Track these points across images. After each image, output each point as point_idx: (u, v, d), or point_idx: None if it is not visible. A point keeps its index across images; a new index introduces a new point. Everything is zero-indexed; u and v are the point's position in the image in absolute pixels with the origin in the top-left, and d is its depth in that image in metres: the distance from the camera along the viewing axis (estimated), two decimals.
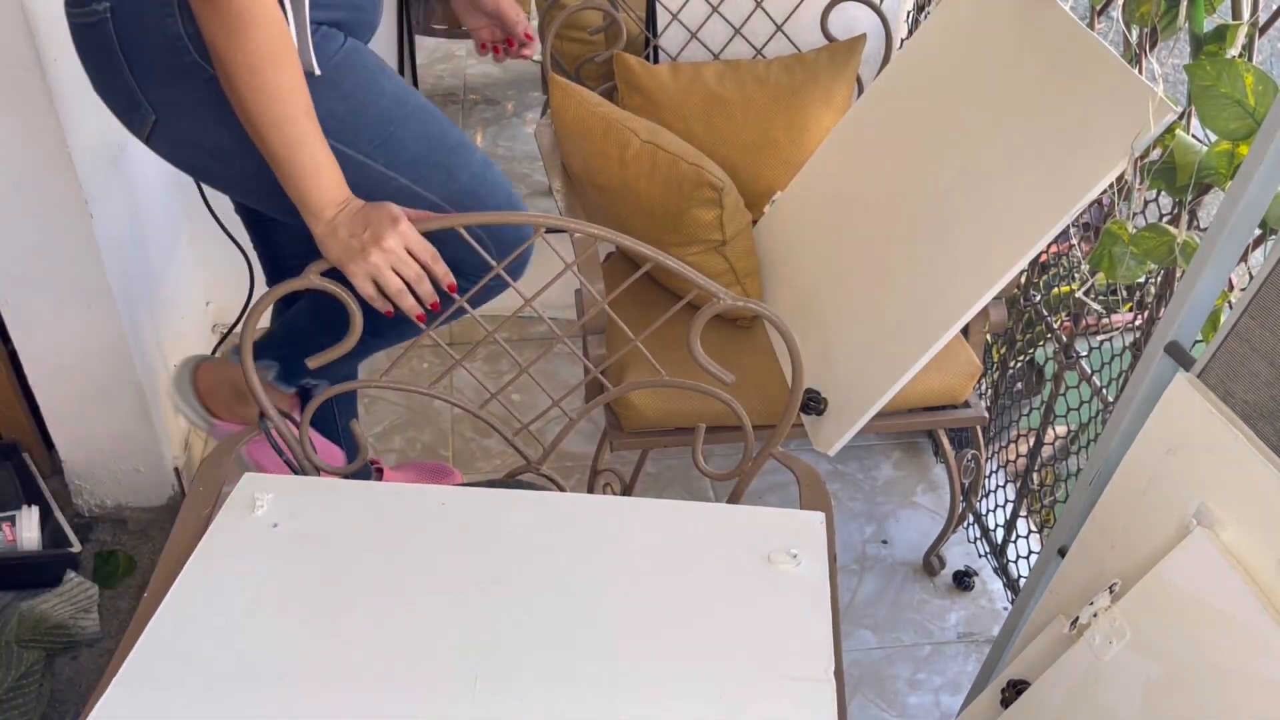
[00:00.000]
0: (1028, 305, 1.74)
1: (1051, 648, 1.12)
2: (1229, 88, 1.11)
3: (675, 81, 1.84)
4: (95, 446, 1.82)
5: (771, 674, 0.94)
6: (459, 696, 0.91)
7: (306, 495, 1.11)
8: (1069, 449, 1.67)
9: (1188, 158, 1.23)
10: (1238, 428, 0.92)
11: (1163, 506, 1.00)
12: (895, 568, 1.92)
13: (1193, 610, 0.93)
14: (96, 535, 1.89)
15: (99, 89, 1.28)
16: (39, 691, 1.58)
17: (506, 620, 0.98)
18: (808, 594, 1.02)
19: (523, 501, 1.14)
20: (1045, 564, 1.25)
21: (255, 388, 1.19)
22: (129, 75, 1.23)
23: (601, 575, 1.04)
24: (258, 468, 1.64)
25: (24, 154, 1.48)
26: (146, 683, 0.91)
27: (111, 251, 1.63)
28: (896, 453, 2.15)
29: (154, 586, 1.03)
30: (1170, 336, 1.04)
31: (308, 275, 1.14)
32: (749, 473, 1.25)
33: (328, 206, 1.18)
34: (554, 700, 0.91)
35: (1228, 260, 0.99)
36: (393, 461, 2.06)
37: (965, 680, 1.73)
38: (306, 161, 1.18)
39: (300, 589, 1.00)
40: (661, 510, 1.13)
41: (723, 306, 1.13)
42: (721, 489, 2.03)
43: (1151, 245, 1.26)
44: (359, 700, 0.90)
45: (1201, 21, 1.18)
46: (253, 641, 0.95)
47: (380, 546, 1.06)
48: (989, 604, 1.86)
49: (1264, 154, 0.91)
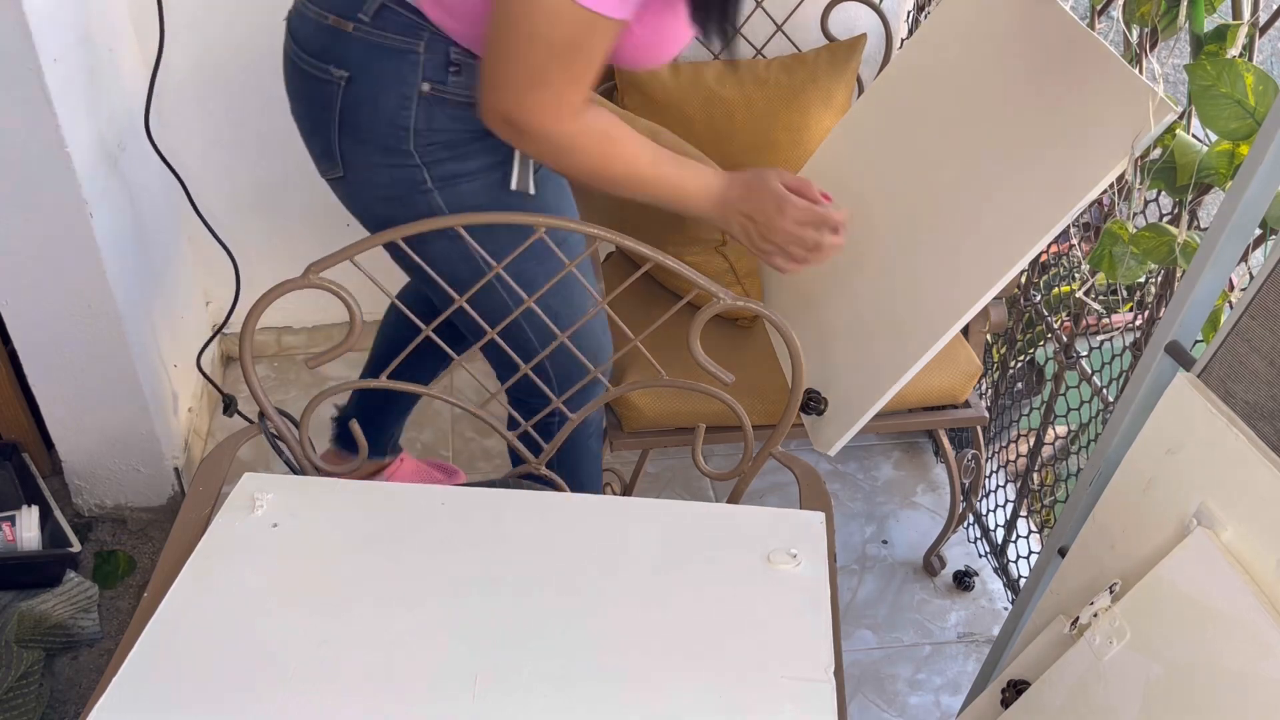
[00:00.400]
0: (1028, 305, 1.74)
1: (1051, 648, 1.12)
2: (1229, 88, 1.11)
3: (675, 81, 1.84)
4: (95, 446, 1.82)
5: (771, 674, 0.94)
6: (459, 696, 0.91)
7: (306, 495, 1.11)
8: (1069, 449, 1.67)
9: (1188, 158, 1.23)
10: (1238, 428, 0.92)
11: (1163, 506, 0.99)
12: (895, 568, 1.92)
13: (1193, 610, 0.93)
14: (96, 535, 1.89)
15: (299, 120, 1.32)
16: (39, 691, 1.58)
17: (506, 620, 0.98)
18: (808, 594, 1.02)
19: (523, 501, 1.14)
20: (1045, 564, 1.25)
21: (255, 388, 1.19)
22: (335, 134, 1.26)
23: (601, 575, 1.03)
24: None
25: (24, 154, 1.48)
26: (146, 683, 0.91)
27: (111, 251, 1.63)
28: (896, 453, 2.15)
29: (154, 586, 1.03)
30: (1170, 336, 1.04)
31: (307, 275, 1.13)
32: (749, 473, 1.25)
33: (710, 209, 1.28)
34: (554, 700, 0.91)
35: (1228, 260, 0.99)
36: None
37: (965, 680, 1.73)
38: (670, 193, 1.29)
39: (300, 589, 1.00)
40: (661, 510, 1.13)
41: (723, 306, 1.13)
42: (721, 489, 2.03)
43: (1152, 245, 1.26)
44: (359, 700, 0.90)
45: (1202, 21, 1.18)
46: (252, 642, 0.95)
47: (380, 546, 1.06)
48: (989, 604, 1.86)
49: (1264, 154, 0.91)
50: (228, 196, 2.00)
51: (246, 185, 2.03)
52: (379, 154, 1.26)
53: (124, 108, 1.74)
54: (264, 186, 2.04)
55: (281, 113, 1.38)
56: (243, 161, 2.00)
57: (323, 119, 1.27)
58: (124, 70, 1.76)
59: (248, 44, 1.87)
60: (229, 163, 1.99)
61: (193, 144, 1.92)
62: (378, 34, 1.21)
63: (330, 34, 1.22)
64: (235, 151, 1.99)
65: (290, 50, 1.28)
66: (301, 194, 2.06)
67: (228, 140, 1.97)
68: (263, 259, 1.94)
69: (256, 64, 1.89)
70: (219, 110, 1.93)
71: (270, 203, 2.06)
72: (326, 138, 1.28)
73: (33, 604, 1.65)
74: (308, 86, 1.27)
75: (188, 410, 2.01)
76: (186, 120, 1.90)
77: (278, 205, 2.07)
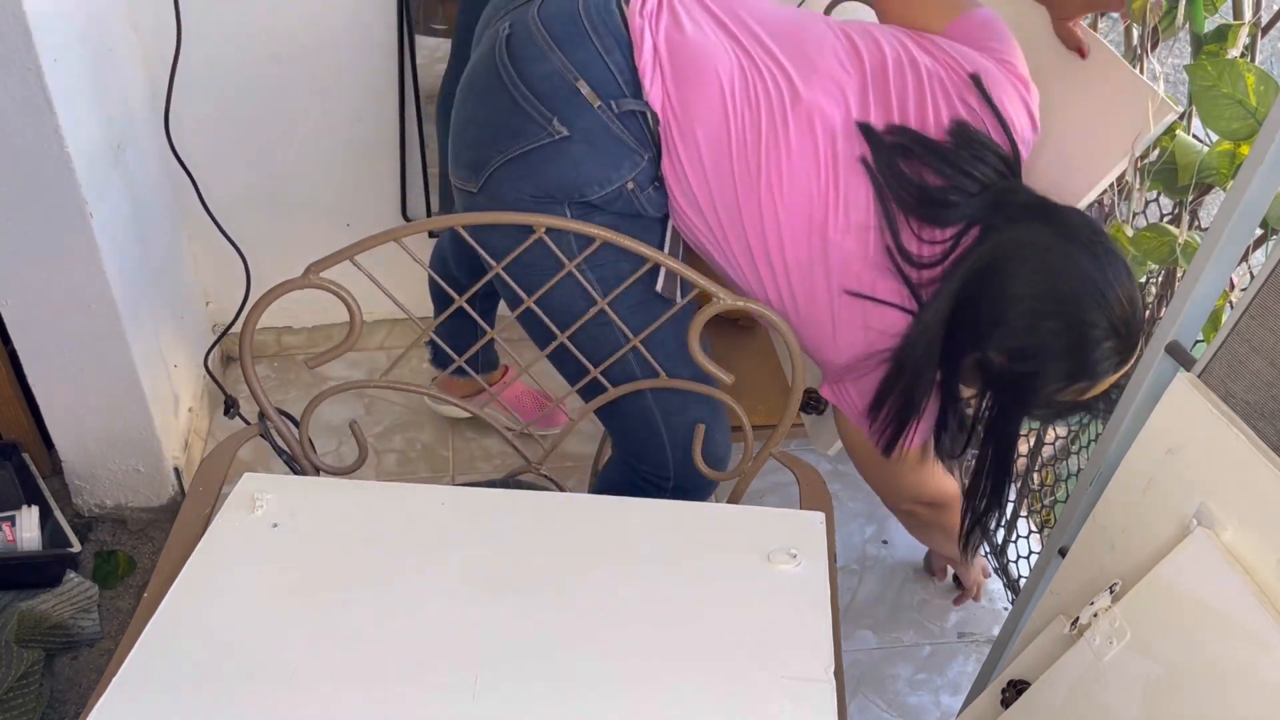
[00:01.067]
0: None
1: (1051, 648, 1.12)
2: (1231, 88, 1.11)
3: None
4: (95, 446, 1.82)
5: (771, 674, 0.94)
6: (459, 696, 0.91)
7: (306, 495, 1.11)
8: (1069, 449, 1.67)
9: (1188, 158, 1.23)
10: (1238, 428, 0.92)
11: (1163, 506, 0.99)
12: (895, 568, 1.92)
13: (1193, 610, 0.93)
14: (96, 535, 1.89)
15: (468, 122, 1.30)
16: (39, 691, 1.58)
17: (506, 620, 0.98)
18: (808, 594, 1.02)
19: (523, 501, 1.14)
20: (1045, 564, 1.25)
21: (255, 388, 1.19)
22: (501, 161, 1.25)
23: (601, 575, 1.03)
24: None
25: (24, 154, 1.48)
26: (146, 683, 0.91)
27: (111, 251, 1.63)
28: None
29: (154, 586, 1.03)
30: (1171, 336, 1.03)
31: (308, 275, 1.13)
32: (749, 473, 1.25)
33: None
34: (554, 700, 0.91)
35: (1228, 260, 0.99)
36: (393, 462, 2.06)
37: (965, 680, 1.73)
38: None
39: (300, 589, 1.00)
40: (661, 510, 1.13)
41: (723, 306, 1.13)
42: (722, 489, 2.03)
43: (1152, 245, 1.26)
44: (359, 700, 0.90)
45: (1201, 22, 1.18)
46: (253, 641, 0.95)
47: (380, 546, 1.06)
48: (989, 604, 1.86)
49: (1265, 154, 0.91)
50: (229, 197, 2.00)
51: (247, 186, 2.03)
52: (532, 189, 1.25)
53: (124, 107, 1.74)
54: (265, 187, 2.04)
55: (284, 113, 1.38)
56: (244, 162, 2.00)
57: (503, 143, 1.25)
58: (125, 70, 1.76)
59: (250, 45, 1.87)
60: (230, 163, 1.99)
61: (195, 144, 1.92)
62: (619, 125, 1.23)
63: (571, 95, 1.22)
64: (236, 152, 1.99)
65: (503, 69, 1.24)
66: (303, 194, 2.06)
67: (229, 140, 1.97)
68: (263, 259, 1.94)
69: (259, 65, 1.89)
70: (220, 110, 1.93)
71: (271, 203, 2.06)
72: (489, 159, 1.26)
73: (33, 604, 1.65)
74: (509, 114, 1.24)
75: (188, 410, 2.01)
76: (188, 120, 1.90)
77: (278, 205, 2.07)
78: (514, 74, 1.24)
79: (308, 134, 1.99)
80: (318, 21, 1.86)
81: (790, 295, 1.27)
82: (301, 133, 1.98)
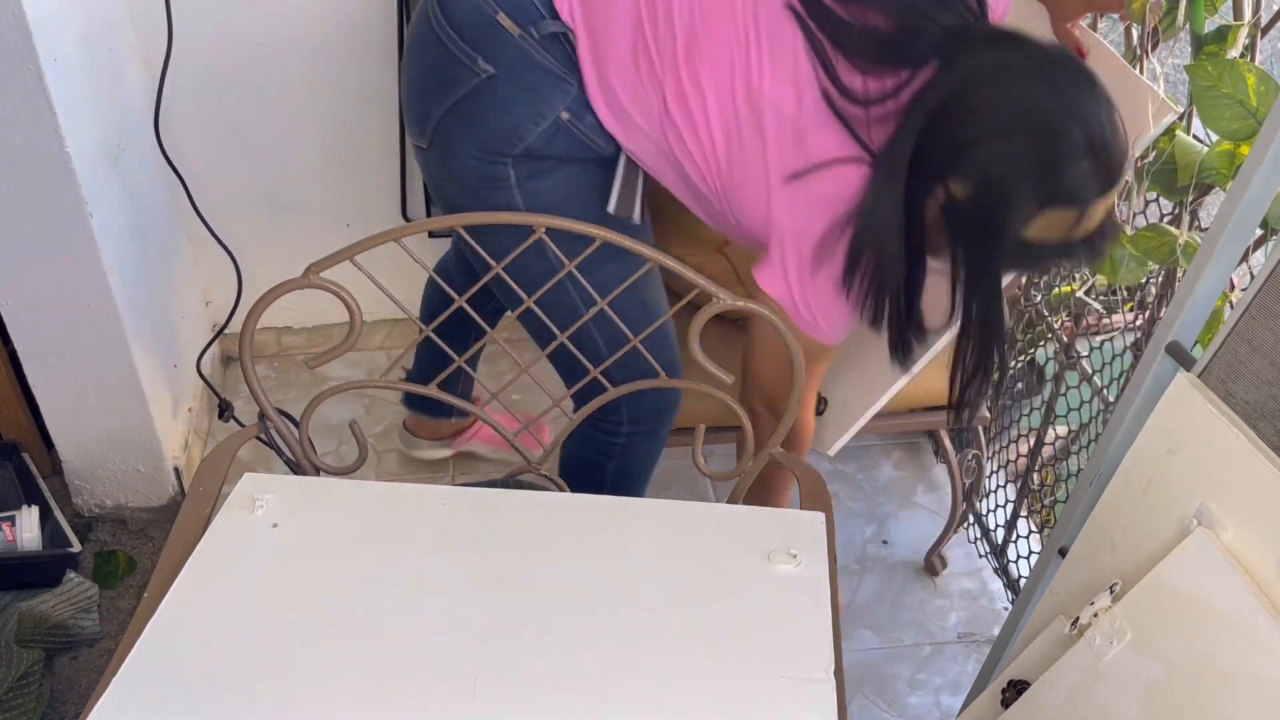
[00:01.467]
0: (1028, 305, 1.74)
1: (1051, 648, 1.12)
2: (1231, 88, 1.11)
3: None
4: (95, 446, 1.82)
5: (771, 674, 0.94)
6: (459, 696, 0.91)
7: (306, 495, 1.11)
8: (1069, 449, 1.67)
9: (1188, 158, 1.23)
10: (1238, 428, 0.92)
11: (1163, 506, 0.99)
12: (896, 568, 1.92)
13: (1193, 610, 0.93)
14: (96, 535, 1.89)
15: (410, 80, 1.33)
16: (39, 691, 1.58)
17: (506, 620, 0.98)
18: (808, 594, 1.02)
19: (523, 501, 1.14)
20: (1045, 564, 1.25)
21: (255, 388, 1.19)
22: (441, 111, 1.28)
23: (601, 575, 1.03)
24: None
25: (24, 154, 1.48)
26: (146, 683, 0.91)
27: (111, 251, 1.63)
28: (897, 453, 2.15)
29: (154, 586, 1.03)
30: (1171, 336, 1.04)
31: (307, 275, 1.13)
32: (749, 473, 1.25)
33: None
34: (554, 700, 0.91)
35: (1229, 260, 0.99)
36: (393, 462, 2.06)
37: (965, 680, 1.73)
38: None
39: (300, 589, 1.00)
40: (661, 510, 1.13)
41: (723, 306, 1.13)
42: (721, 489, 2.03)
43: (1152, 245, 1.26)
44: (359, 700, 0.90)
45: (1201, 22, 1.18)
46: (253, 641, 0.95)
47: (380, 546, 1.06)
48: (989, 604, 1.86)
49: (1265, 154, 0.91)
50: (228, 197, 2.00)
51: (247, 186, 2.03)
52: (476, 146, 1.27)
53: (124, 107, 1.74)
54: (265, 187, 2.04)
55: (282, 113, 1.38)
56: (244, 162, 2.00)
57: (437, 93, 1.28)
58: (124, 70, 1.76)
59: (249, 45, 1.87)
60: (230, 163, 1.99)
61: (194, 144, 1.92)
62: (542, 52, 1.23)
63: (492, 28, 1.23)
64: (236, 152, 1.99)
65: (434, 17, 1.27)
66: (302, 194, 2.06)
67: (228, 140, 1.97)
68: (263, 259, 1.94)
69: (258, 65, 1.89)
70: (220, 110, 1.93)
71: (271, 203, 2.06)
72: (430, 111, 1.29)
73: (33, 604, 1.65)
74: (440, 60, 1.27)
75: (188, 410, 2.01)
76: (188, 120, 1.90)
77: (278, 205, 2.07)
78: (441, 19, 1.26)
79: (308, 134, 1.99)
80: (318, 21, 1.86)
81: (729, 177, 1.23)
82: (301, 133, 1.98)
